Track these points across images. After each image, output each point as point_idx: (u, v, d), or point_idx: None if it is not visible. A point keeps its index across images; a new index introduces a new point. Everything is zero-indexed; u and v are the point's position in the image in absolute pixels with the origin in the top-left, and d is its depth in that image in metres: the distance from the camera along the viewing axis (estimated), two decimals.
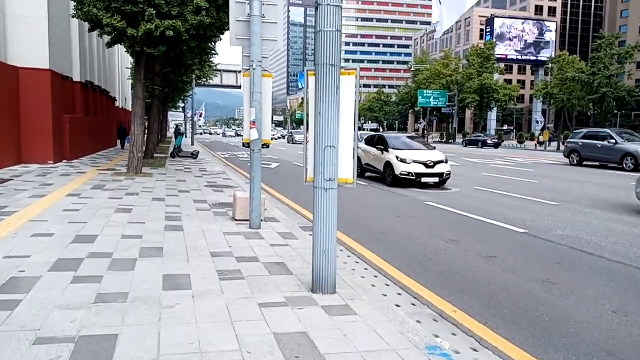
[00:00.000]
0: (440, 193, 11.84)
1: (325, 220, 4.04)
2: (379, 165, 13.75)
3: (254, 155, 6.62)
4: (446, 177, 12.89)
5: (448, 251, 6.33)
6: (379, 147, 13.81)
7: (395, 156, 12.98)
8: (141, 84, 12.62)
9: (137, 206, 8.00)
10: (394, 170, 12.85)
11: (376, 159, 14.01)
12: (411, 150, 13.42)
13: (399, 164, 12.79)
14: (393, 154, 13.12)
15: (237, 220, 7.13)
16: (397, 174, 12.74)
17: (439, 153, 13.51)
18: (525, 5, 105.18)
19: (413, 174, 12.58)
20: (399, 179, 12.74)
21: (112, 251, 5.13)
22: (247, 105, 6.61)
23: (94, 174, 12.56)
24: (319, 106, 3.96)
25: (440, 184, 12.95)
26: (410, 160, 12.73)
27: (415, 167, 12.64)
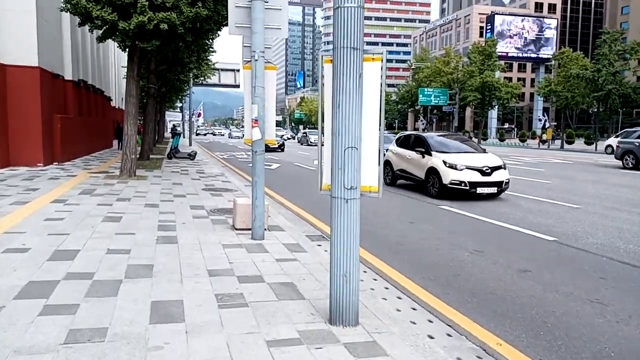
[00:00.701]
0: None
1: (346, 238, 3.34)
2: (419, 172, 11.46)
3: (256, 157, 5.92)
4: (505, 187, 10.66)
5: (475, 264, 5.64)
6: (419, 150, 11.56)
7: (443, 161, 10.66)
8: (134, 81, 11.91)
9: (127, 214, 7.29)
10: (441, 178, 10.56)
11: (415, 164, 11.73)
12: (460, 154, 11.13)
13: (447, 170, 10.50)
14: (439, 159, 10.82)
15: (238, 229, 6.43)
16: (445, 183, 10.44)
17: (494, 157, 11.31)
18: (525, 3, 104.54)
19: (466, 183, 10.28)
20: (447, 189, 10.44)
21: (94, 270, 4.42)
22: (249, 102, 5.91)
23: (84, 177, 11.84)
24: (337, 99, 3.26)
25: (498, 194, 10.76)
26: (462, 167, 10.42)
27: (468, 175, 10.37)
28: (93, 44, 22.19)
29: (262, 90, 5.79)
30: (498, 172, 10.62)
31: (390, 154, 12.78)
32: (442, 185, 10.56)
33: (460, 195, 10.47)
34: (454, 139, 12.80)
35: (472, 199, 10.36)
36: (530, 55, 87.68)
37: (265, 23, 5.84)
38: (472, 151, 11.74)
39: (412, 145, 12.17)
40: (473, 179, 10.36)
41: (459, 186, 10.37)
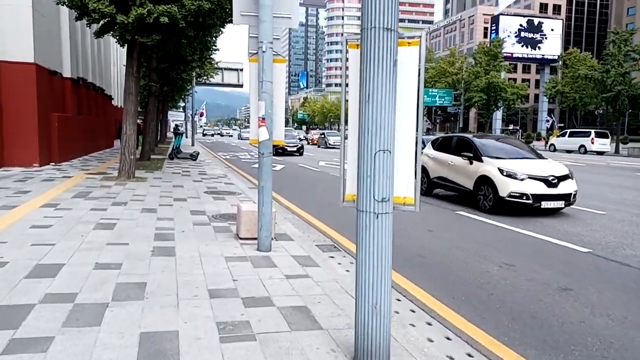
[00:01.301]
0: None
1: (376, 261, 2.74)
2: (465, 181, 9.81)
3: (263, 160, 5.32)
4: (573, 200, 8.99)
5: (508, 280, 5.03)
6: (466, 155, 9.88)
7: (499, 169, 9.00)
8: (134, 79, 11.33)
9: (122, 220, 6.71)
10: (496, 189, 8.87)
11: (459, 171, 10.04)
12: (518, 160, 9.49)
13: (505, 180, 8.81)
14: (492, 166, 9.17)
15: (242, 239, 5.84)
16: (503, 195, 8.75)
17: (558, 164, 9.69)
18: (529, 3, 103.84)
19: (529, 196, 8.59)
20: (505, 203, 8.75)
21: (78, 290, 3.83)
22: (255, 98, 5.32)
23: (81, 178, 11.27)
24: (366, 91, 2.67)
25: (563, 207, 9.06)
26: (523, 176, 8.74)
27: (531, 186, 8.68)
28: (93, 40, 21.64)
29: (270, 85, 5.20)
30: (565, 183, 8.93)
31: (425, 159, 11.30)
32: (498, 198, 8.83)
33: (520, 210, 8.87)
34: (505, 142, 11.07)
35: (533, 215, 8.81)
36: (536, 56, 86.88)
37: (273, 11, 5.26)
38: (530, 157, 10.02)
39: (455, 148, 10.48)
40: (537, 191, 8.65)
41: (519, 199, 8.64)
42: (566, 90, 44.66)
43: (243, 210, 5.87)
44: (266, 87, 5.18)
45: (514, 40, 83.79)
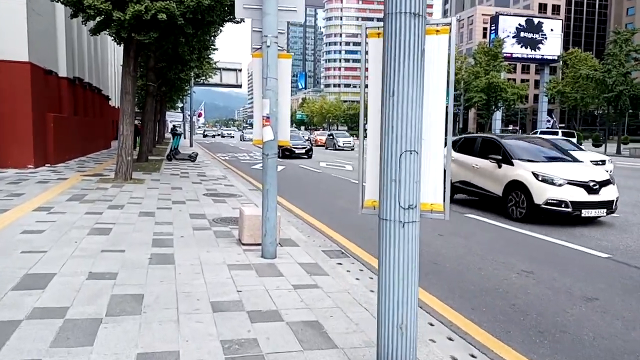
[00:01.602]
0: None
1: (402, 276, 2.44)
2: (493, 186, 8.93)
3: (267, 162, 5.02)
4: (615, 208, 8.17)
5: (528, 289, 4.73)
6: (494, 158, 8.96)
7: (533, 173, 8.15)
8: (130, 77, 11.01)
9: (119, 224, 6.39)
10: (531, 196, 8.03)
11: (486, 175, 9.16)
12: (553, 164, 8.70)
13: (541, 186, 7.97)
14: (525, 170, 8.32)
15: (245, 244, 5.53)
16: (538, 203, 7.90)
17: (596, 167, 9.00)
18: (529, 4, 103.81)
19: (568, 203, 7.76)
20: (541, 211, 7.91)
21: (69, 304, 3.52)
22: (259, 96, 5.01)
23: (76, 180, 10.95)
24: (390, 85, 2.37)
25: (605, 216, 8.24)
26: (561, 181, 7.94)
27: (571, 192, 7.85)
28: (90, 40, 21.33)
29: (274, 82, 4.90)
30: (607, 189, 8.12)
31: None
32: (533, 205, 7.98)
33: (558, 219, 8.06)
34: (535, 143, 10.10)
35: (569, 224, 7.98)
36: (535, 57, 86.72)
37: (278, 3, 4.96)
38: (565, 159, 9.17)
39: (480, 150, 9.61)
40: (577, 198, 7.82)
41: (557, 207, 7.81)
42: (567, 90, 44.44)
43: (246, 215, 5.57)
44: (271, 84, 4.88)
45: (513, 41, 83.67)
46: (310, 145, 26.84)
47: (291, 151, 24.36)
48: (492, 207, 9.26)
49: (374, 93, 2.60)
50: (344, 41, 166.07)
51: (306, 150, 25.46)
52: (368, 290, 4.28)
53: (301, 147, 25.44)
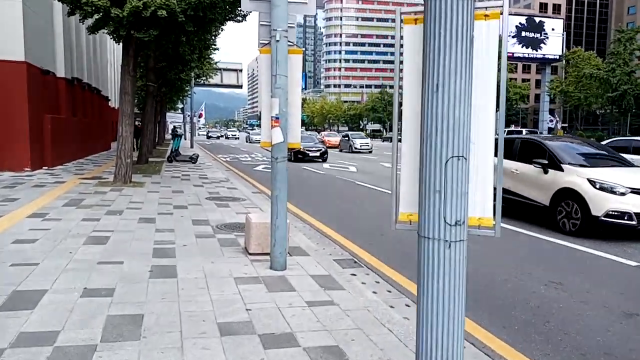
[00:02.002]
0: None
1: (447, 304, 2.07)
2: (538, 195, 7.88)
3: (277, 166, 4.64)
4: None
5: (561, 303, 4.36)
6: (539, 162, 7.88)
7: (589, 180, 7.14)
8: (130, 77, 10.65)
9: (117, 232, 6.02)
10: (587, 207, 7.01)
11: (528, 182, 8.08)
12: (610, 169, 7.66)
13: (599, 195, 6.98)
14: (579, 176, 7.31)
15: (252, 254, 5.16)
16: (597, 214, 6.91)
17: None
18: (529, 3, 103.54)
19: (632, 215, 6.77)
20: (600, 223, 6.93)
21: (60, 327, 3.15)
22: (266, 95, 4.65)
23: (74, 184, 10.58)
24: (434, 78, 2.00)
25: None
26: (623, 189, 6.92)
27: (635, 201, 6.85)
28: (89, 39, 20.97)
29: (284, 80, 4.53)
30: None
31: None
32: (590, 217, 6.96)
33: (618, 233, 7.15)
34: (586, 145, 9.06)
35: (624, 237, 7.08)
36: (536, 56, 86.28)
37: None
38: (622, 163, 8.13)
39: (520, 153, 8.55)
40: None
41: (620, 220, 6.80)
42: (570, 89, 44.09)
43: (253, 223, 5.20)
44: (280, 82, 4.51)
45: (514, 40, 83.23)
46: (325, 147, 24.45)
47: (304, 154, 22.53)
48: (529, 217, 8.25)
49: (411, 88, 2.24)
50: (344, 41, 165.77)
51: (321, 153, 23.28)
52: (388, 306, 3.92)
53: (315, 149, 23.38)
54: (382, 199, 10.85)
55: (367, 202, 10.36)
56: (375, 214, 8.84)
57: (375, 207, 9.79)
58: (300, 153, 22.28)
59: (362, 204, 10.05)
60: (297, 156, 22.29)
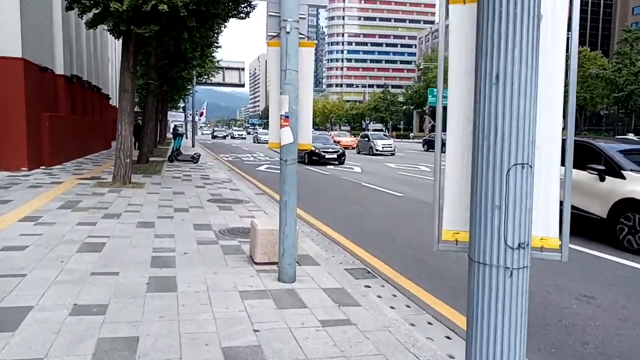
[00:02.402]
0: None
1: (506, 343, 1.69)
2: (594, 206, 6.85)
3: (286, 168, 4.27)
4: None
5: (597, 321, 3.97)
6: (594, 168, 6.85)
7: None
8: (130, 74, 10.27)
9: (114, 238, 5.65)
10: None
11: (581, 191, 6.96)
12: None
13: None
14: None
15: (258, 264, 4.79)
16: None
17: None
18: None
19: None
20: None
21: (43, 354, 2.78)
22: (276, 91, 4.27)
23: (71, 184, 10.21)
24: (492, 67, 1.62)
25: None
26: None
27: None
28: (89, 36, 20.62)
29: (295, 75, 4.15)
30: None
31: None
32: None
33: None
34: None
35: None
36: None
37: None
38: None
39: None
40: None
41: None
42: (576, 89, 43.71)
43: (259, 230, 4.82)
44: (290, 78, 4.13)
45: None
46: (342, 149, 22.16)
47: (320, 156, 20.40)
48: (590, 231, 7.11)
49: (459, 81, 1.86)
50: (347, 41, 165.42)
51: (338, 155, 20.93)
52: (408, 324, 3.54)
53: (332, 150, 21.09)
54: (387, 201, 10.51)
55: (373, 204, 9.98)
56: (383, 217, 8.47)
57: (382, 208, 9.43)
58: (315, 155, 20.30)
59: (369, 206, 9.67)
60: (311, 158, 20.36)
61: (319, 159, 20.40)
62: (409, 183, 13.79)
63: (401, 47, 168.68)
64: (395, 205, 10.04)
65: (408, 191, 11.95)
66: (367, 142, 30.29)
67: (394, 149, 29.73)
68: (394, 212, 9.11)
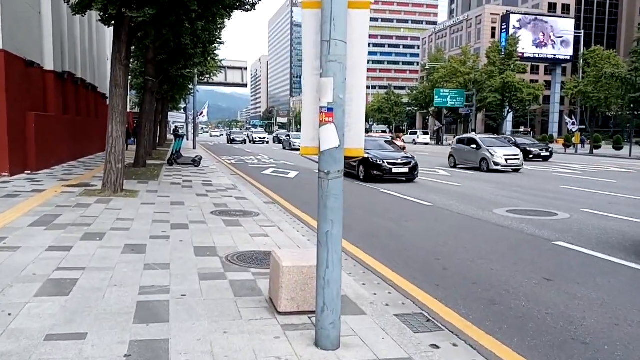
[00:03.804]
0: (548, 222, 8.16)
1: None
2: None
3: (329, 185, 2.93)
4: None
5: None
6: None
7: None
8: (122, 67, 8.98)
9: (90, 271, 4.34)
10: None
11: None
12: None
13: None
14: None
15: (283, 314, 3.47)
16: None
17: None
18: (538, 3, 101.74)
19: None
20: None
21: None
22: (312, 73, 2.96)
23: (54, 193, 8.92)
24: None
25: None
26: None
27: None
28: (84, 30, 19.33)
29: (342, 49, 2.83)
30: None
31: None
32: None
33: None
34: None
35: None
36: (547, 56, 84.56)
37: None
38: None
39: None
40: None
41: None
42: (589, 90, 42.20)
43: (284, 267, 3.49)
44: (336, 52, 2.81)
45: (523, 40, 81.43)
46: (414, 159, 14.77)
47: (384, 170, 13.87)
48: None
49: None
50: None
51: (410, 168, 14.13)
52: None
53: (402, 161, 14.28)
54: (424, 214, 9.09)
55: (407, 218, 8.57)
56: (424, 235, 7.13)
57: (420, 224, 8.08)
58: (375, 167, 13.91)
59: (401, 221, 8.28)
60: (369, 172, 13.99)
61: (383, 175, 13.86)
62: (435, 190, 12.45)
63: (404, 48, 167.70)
64: (431, 218, 8.70)
65: (436, 200, 10.62)
66: (475, 152, 17.80)
67: (521, 162, 18.28)
68: (430, 227, 7.79)
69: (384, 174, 13.91)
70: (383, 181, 13.83)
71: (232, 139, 48.07)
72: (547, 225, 7.90)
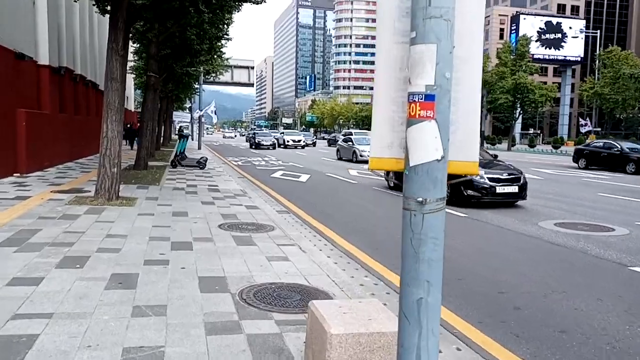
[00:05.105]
0: (608, 240, 7.00)
1: None
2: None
3: (423, 224, 1.79)
4: None
5: None
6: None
7: None
8: (119, 58, 7.89)
9: (58, 318, 3.22)
10: None
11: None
12: None
13: None
14: None
15: None
16: None
17: None
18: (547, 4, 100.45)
19: None
20: None
21: None
22: (391, 40, 1.83)
23: (40, 200, 7.82)
24: None
25: None
26: None
27: None
28: (84, 24, 18.32)
29: (449, 10, 1.70)
30: None
31: None
32: None
33: None
34: None
35: None
36: (557, 57, 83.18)
37: None
38: None
39: None
40: None
41: None
42: (605, 91, 40.96)
43: (333, 335, 2.35)
44: (439, 14, 1.68)
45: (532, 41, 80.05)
46: (523, 175, 10.32)
47: (482, 190, 9.71)
48: None
49: None
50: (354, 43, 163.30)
51: (520, 187, 9.92)
52: None
53: (508, 178, 9.96)
54: (462, 228, 7.91)
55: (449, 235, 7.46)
56: (473, 257, 5.97)
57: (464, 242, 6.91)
58: (471, 186, 9.64)
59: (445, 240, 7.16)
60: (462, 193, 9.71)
61: (481, 196, 9.73)
62: None
63: None
64: (468, 232, 7.56)
65: (470, 210, 9.45)
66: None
67: None
68: (476, 246, 6.64)
69: (482, 194, 9.69)
70: (487, 205, 9.78)
71: (258, 143, 35.28)
72: (609, 243, 6.74)
